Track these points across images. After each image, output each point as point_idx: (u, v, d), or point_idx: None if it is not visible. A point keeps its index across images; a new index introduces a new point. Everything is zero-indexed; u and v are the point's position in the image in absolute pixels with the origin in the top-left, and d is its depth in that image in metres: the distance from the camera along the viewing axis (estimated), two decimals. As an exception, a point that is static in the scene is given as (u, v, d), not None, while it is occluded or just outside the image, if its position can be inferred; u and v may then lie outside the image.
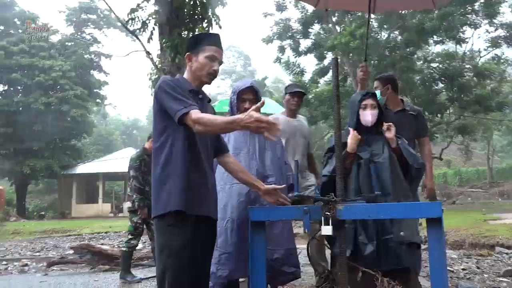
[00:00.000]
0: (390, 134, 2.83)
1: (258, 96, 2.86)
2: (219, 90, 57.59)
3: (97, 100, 31.24)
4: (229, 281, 2.67)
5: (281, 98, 25.04)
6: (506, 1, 20.03)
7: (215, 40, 2.21)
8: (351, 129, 2.86)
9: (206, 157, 2.18)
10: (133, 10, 7.66)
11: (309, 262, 3.28)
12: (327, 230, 2.13)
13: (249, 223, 2.28)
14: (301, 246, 3.51)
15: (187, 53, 2.21)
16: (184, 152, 2.06)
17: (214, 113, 2.35)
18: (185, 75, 2.24)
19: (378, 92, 3.52)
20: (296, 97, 4.02)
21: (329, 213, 2.14)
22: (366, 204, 2.18)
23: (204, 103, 2.25)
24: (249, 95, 2.83)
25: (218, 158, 2.38)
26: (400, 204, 2.39)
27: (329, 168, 2.73)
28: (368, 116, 2.87)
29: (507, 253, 6.22)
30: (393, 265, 2.58)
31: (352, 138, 2.81)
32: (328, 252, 3.11)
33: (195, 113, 1.92)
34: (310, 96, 20.82)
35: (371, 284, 2.42)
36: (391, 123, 2.88)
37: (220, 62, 2.22)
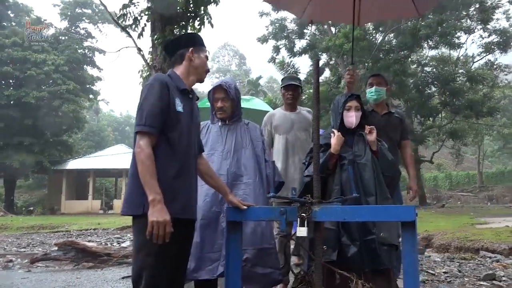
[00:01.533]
0: (372, 137, 2.84)
1: (228, 94, 2.89)
2: (214, 89, 57.38)
3: (90, 96, 31.07)
4: (205, 280, 2.64)
5: (274, 98, 25.10)
6: (500, 7, 20.23)
7: (205, 44, 2.32)
8: (335, 131, 2.86)
9: (192, 157, 2.17)
10: (125, 6, 7.60)
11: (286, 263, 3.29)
12: (302, 231, 2.12)
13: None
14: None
15: (191, 48, 2.20)
16: (171, 152, 2.04)
17: (198, 111, 2.35)
18: (178, 71, 2.21)
19: (373, 89, 3.53)
20: (291, 90, 3.80)
21: (305, 215, 2.13)
22: (342, 206, 2.17)
23: (193, 101, 2.25)
24: (220, 93, 2.91)
25: None
26: (375, 207, 2.40)
27: (311, 169, 2.72)
28: (351, 118, 2.88)
29: (490, 257, 6.26)
30: (375, 266, 2.58)
31: (336, 139, 2.80)
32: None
33: (146, 142, 1.95)
34: (303, 97, 20.87)
35: (347, 286, 2.43)
36: (373, 126, 2.88)
37: None
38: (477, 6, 20.07)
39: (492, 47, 20.69)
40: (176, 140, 2.06)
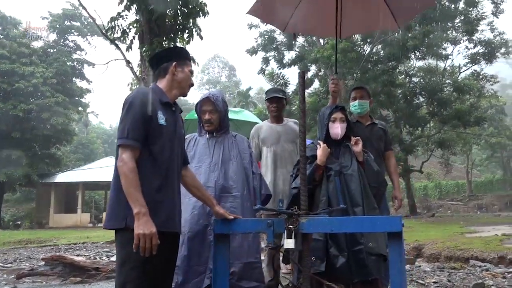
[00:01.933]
0: (358, 148, 2.87)
1: (216, 107, 2.89)
2: (204, 100, 57.34)
3: (79, 108, 30.85)
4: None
5: (264, 109, 25.26)
6: (485, 19, 20.65)
7: (190, 58, 2.34)
8: (320, 142, 2.89)
9: (175, 169, 2.16)
10: (113, 19, 7.61)
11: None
12: (290, 243, 2.11)
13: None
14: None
15: (174, 62, 2.19)
16: (153, 165, 2.04)
17: (182, 123, 2.35)
18: (161, 84, 2.20)
19: (356, 102, 3.56)
20: (274, 102, 3.81)
21: (292, 226, 2.13)
22: (329, 218, 2.18)
23: (176, 114, 2.25)
24: (208, 106, 2.93)
25: None
26: (361, 218, 2.41)
27: (298, 180, 2.73)
28: (337, 129, 2.91)
29: (480, 266, 6.28)
30: (363, 276, 2.58)
31: (322, 150, 2.83)
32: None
33: (128, 155, 1.95)
34: (293, 108, 20.98)
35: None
36: (358, 138, 2.91)
37: None
38: (462, 17, 20.49)
39: (478, 57, 21.05)
40: (159, 152, 2.06)
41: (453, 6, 20.32)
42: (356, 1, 3.68)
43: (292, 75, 23.95)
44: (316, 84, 23.59)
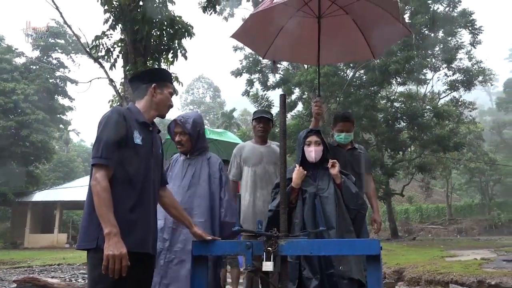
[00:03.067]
0: (334, 170, 2.90)
1: (184, 129, 2.93)
2: (188, 120, 57.15)
3: (60, 126, 30.44)
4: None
5: (248, 131, 25.25)
6: (463, 48, 21.36)
7: (172, 80, 2.36)
8: (297, 165, 2.91)
9: (151, 189, 2.14)
10: (98, 37, 7.62)
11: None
12: (268, 266, 2.08)
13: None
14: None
15: (154, 84, 2.20)
16: (128, 185, 2.01)
17: (161, 142, 2.34)
18: (140, 105, 2.20)
19: (343, 135, 3.58)
20: (262, 122, 3.83)
21: (271, 249, 2.10)
22: (308, 240, 2.16)
23: (154, 134, 2.24)
24: (177, 128, 2.99)
25: None
26: (341, 240, 2.40)
27: (274, 203, 2.75)
28: (311, 153, 2.96)
29: (459, 291, 6.31)
30: None
31: (296, 173, 2.88)
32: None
33: (102, 174, 1.92)
34: (277, 130, 21.09)
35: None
36: (335, 160, 2.95)
37: None
38: (441, 46, 21.16)
39: (457, 85, 21.64)
40: (134, 172, 2.04)
41: (432, 35, 21.00)
42: (334, 32, 3.80)
43: (276, 97, 24.16)
44: (300, 107, 23.87)
